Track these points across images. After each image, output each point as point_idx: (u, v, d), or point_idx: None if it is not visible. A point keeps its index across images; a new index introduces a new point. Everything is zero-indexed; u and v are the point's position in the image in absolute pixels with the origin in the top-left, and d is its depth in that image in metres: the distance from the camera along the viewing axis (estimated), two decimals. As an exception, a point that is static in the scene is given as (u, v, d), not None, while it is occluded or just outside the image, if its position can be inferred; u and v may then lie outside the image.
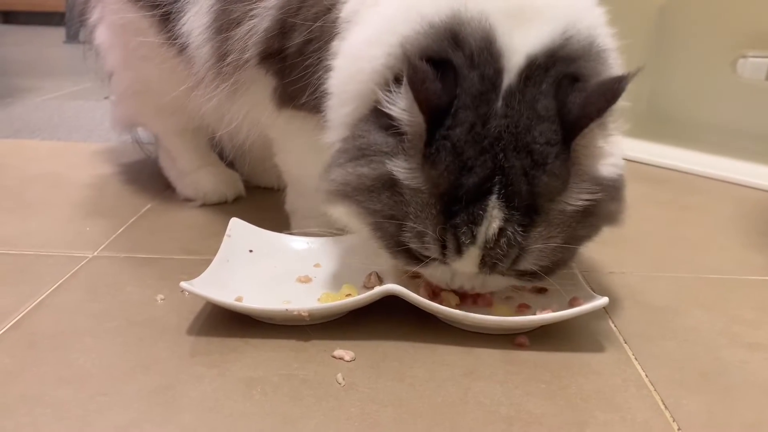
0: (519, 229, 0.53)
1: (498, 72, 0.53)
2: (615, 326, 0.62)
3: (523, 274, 0.56)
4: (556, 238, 0.54)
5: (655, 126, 1.24)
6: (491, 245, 0.53)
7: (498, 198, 0.52)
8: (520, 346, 0.58)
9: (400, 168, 0.53)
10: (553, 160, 0.52)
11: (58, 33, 3.02)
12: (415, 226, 0.54)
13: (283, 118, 0.71)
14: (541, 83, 0.53)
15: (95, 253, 0.76)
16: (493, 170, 0.52)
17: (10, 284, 0.67)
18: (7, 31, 3.64)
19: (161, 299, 0.64)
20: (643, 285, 0.71)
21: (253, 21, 0.64)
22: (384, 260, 0.64)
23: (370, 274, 0.64)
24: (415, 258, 0.57)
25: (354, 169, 0.56)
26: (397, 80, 0.54)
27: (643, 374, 0.55)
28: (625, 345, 0.59)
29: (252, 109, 0.73)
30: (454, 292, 0.61)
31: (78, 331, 0.59)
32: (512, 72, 0.53)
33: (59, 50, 2.78)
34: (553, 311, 0.59)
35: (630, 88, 0.54)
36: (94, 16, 0.87)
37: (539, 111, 0.53)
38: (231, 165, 0.98)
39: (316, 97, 0.63)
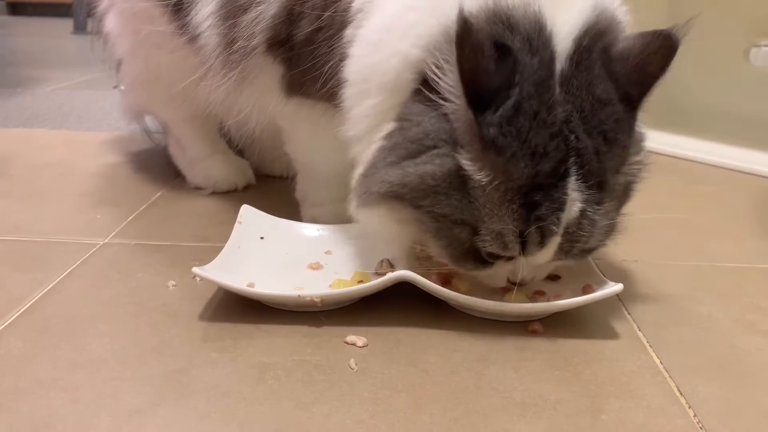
0: (596, 208, 0.52)
1: (552, 57, 0.51)
2: (629, 313, 0.62)
3: (586, 253, 0.55)
4: (615, 211, 0.55)
5: (668, 115, 1.23)
6: (572, 230, 0.52)
7: (576, 179, 0.51)
8: (534, 333, 0.58)
9: (464, 159, 0.51)
10: (622, 135, 0.53)
11: (66, 24, 3.03)
12: (493, 227, 0.51)
13: (291, 106, 0.70)
14: (592, 67, 0.52)
15: (106, 240, 0.76)
16: (566, 152, 0.50)
17: (23, 271, 0.68)
18: (15, 23, 3.65)
19: (173, 285, 0.64)
20: (656, 273, 0.71)
21: (260, 7, 0.64)
22: (395, 247, 0.64)
23: (382, 261, 0.64)
24: (483, 260, 0.54)
25: (415, 168, 0.52)
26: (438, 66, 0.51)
27: (657, 361, 0.54)
28: (639, 332, 0.59)
29: (260, 98, 0.72)
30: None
31: (91, 317, 0.59)
32: (562, 56, 0.52)
33: (67, 41, 2.79)
34: (567, 298, 0.58)
35: None
36: (103, 4, 0.87)
37: (600, 95, 0.52)
38: (240, 153, 0.98)
39: (327, 86, 0.62)
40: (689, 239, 0.82)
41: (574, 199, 0.51)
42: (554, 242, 0.52)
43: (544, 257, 0.53)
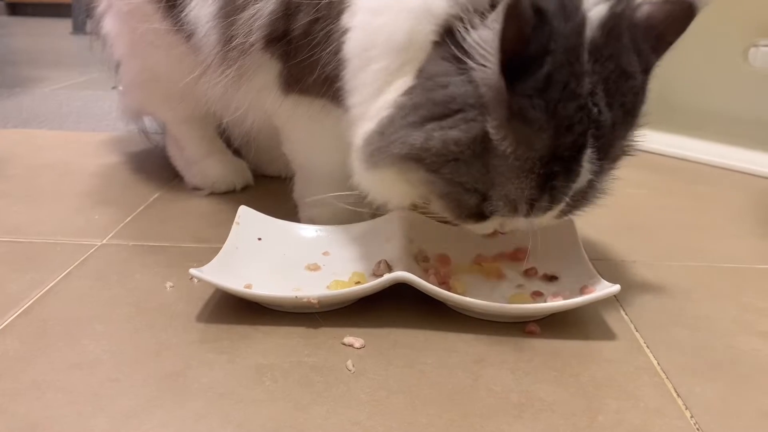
0: (601, 177, 0.54)
1: (584, 23, 0.50)
2: (626, 314, 0.62)
3: (578, 212, 0.57)
4: (611, 173, 0.56)
5: (666, 115, 1.23)
6: (578, 197, 0.54)
7: (591, 151, 0.51)
8: (531, 334, 0.58)
9: (490, 126, 0.50)
10: (639, 106, 0.54)
11: (65, 24, 3.03)
12: (506, 193, 0.52)
13: (288, 103, 0.70)
14: (621, 36, 0.51)
15: (104, 241, 0.76)
16: (588, 125, 0.51)
17: (20, 271, 0.68)
18: (14, 23, 3.65)
19: (170, 286, 0.64)
20: (654, 273, 0.71)
21: (257, 5, 0.63)
22: (393, 247, 0.64)
23: (380, 262, 0.64)
24: (482, 217, 0.55)
25: (440, 132, 0.50)
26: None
27: (655, 362, 0.54)
28: (636, 333, 0.59)
29: (257, 95, 0.72)
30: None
31: (88, 318, 0.59)
32: (594, 22, 0.50)
33: (66, 41, 2.79)
34: (564, 299, 0.58)
35: None
36: (101, 5, 0.87)
37: (625, 67, 0.52)
38: (238, 154, 0.98)
39: (325, 79, 0.62)
40: (687, 240, 0.82)
41: (587, 169, 0.52)
42: (559, 208, 0.54)
43: (546, 220, 0.55)
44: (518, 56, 0.48)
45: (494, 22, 0.49)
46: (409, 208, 0.62)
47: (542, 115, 0.49)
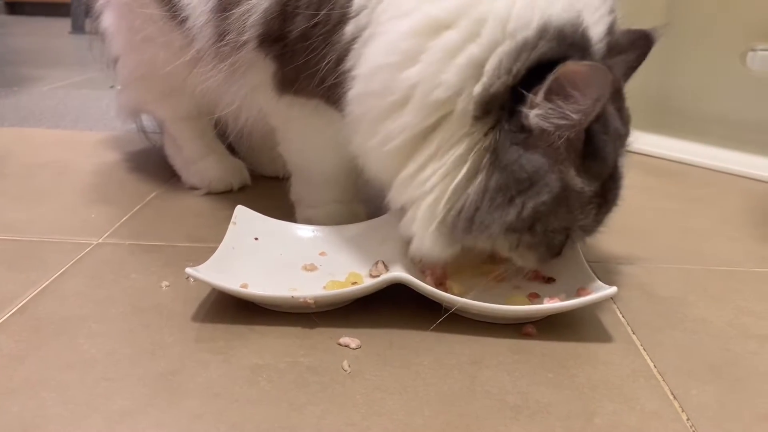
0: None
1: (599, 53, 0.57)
2: (623, 317, 0.62)
3: None
4: None
5: (664, 119, 1.23)
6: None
7: (621, 159, 0.59)
8: (527, 336, 0.57)
9: (568, 177, 0.55)
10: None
11: (64, 24, 3.03)
12: (584, 224, 0.58)
13: (282, 104, 0.70)
14: (615, 65, 0.58)
15: (100, 240, 0.75)
16: (618, 139, 0.58)
17: (16, 270, 0.67)
18: (13, 22, 3.65)
19: (166, 286, 0.64)
20: (651, 276, 0.71)
21: (251, 1, 0.63)
22: (390, 248, 0.64)
23: (377, 263, 0.64)
24: (559, 252, 0.60)
25: (532, 202, 0.54)
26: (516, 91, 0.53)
27: (651, 364, 0.54)
28: (633, 335, 0.59)
29: (251, 93, 0.72)
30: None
31: (83, 317, 0.59)
32: (602, 52, 0.57)
33: (65, 41, 2.79)
34: (561, 301, 0.58)
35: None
36: (99, 1, 0.87)
37: (620, 89, 0.60)
38: (236, 154, 0.98)
39: (323, 84, 0.62)
40: (684, 242, 0.82)
41: (622, 173, 0.59)
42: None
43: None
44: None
45: (554, 99, 0.52)
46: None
47: (607, 147, 0.56)
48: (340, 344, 0.55)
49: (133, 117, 1.03)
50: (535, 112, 0.53)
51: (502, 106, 0.54)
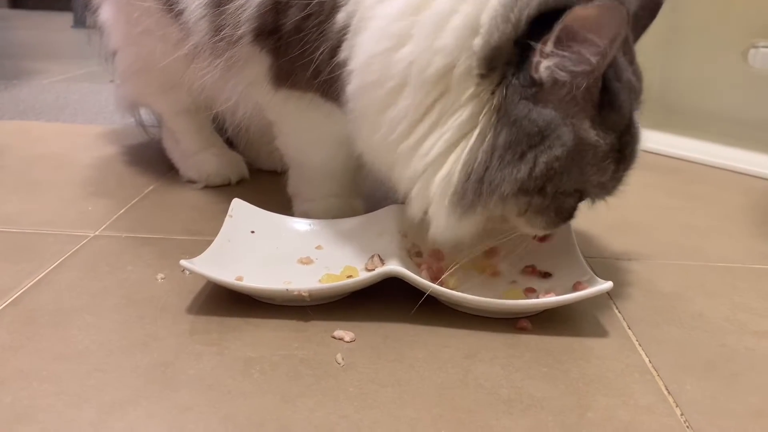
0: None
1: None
2: (619, 312, 0.62)
3: None
4: None
5: (665, 116, 1.23)
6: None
7: (636, 113, 0.56)
8: (522, 330, 0.57)
9: (583, 129, 0.53)
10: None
11: (66, 18, 3.02)
12: (600, 181, 0.56)
13: (279, 98, 0.70)
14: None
15: (97, 233, 0.75)
16: (633, 92, 0.55)
17: (11, 261, 0.67)
18: (15, 16, 3.64)
19: (161, 278, 0.64)
20: (648, 272, 0.71)
21: None
22: (386, 242, 0.64)
23: (373, 256, 0.63)
24: (570, 216, 0.59)
25: (544, 156, 0.52)
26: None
27: (646, 360, 0.54)
28: (628, 330, 0.58)
29: (247, 88, 0.71)
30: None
31: (77, 309, 0.58)
32: None
33: (66, 35, 2.78)
34: (557, 295, 0.58)
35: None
36: (99, -6, 0.87)
37: (631, 45, 0.58)
38: (233, 147, 0.98)
39: (318, 77, 0.61)
40: (683, 239, 0.81)
41: (638, 127, 0.57)
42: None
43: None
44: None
45: (567, 46, 0.50)
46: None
47: (623, 98, 0.54)
48: (334, 337, 0.55)
49: (132, 111, 1.02)
50: (546, 63, 0.51)
51: (508, 62, 0.52)
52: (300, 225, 0.71)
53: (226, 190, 0.91)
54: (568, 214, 0.58)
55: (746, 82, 1.17)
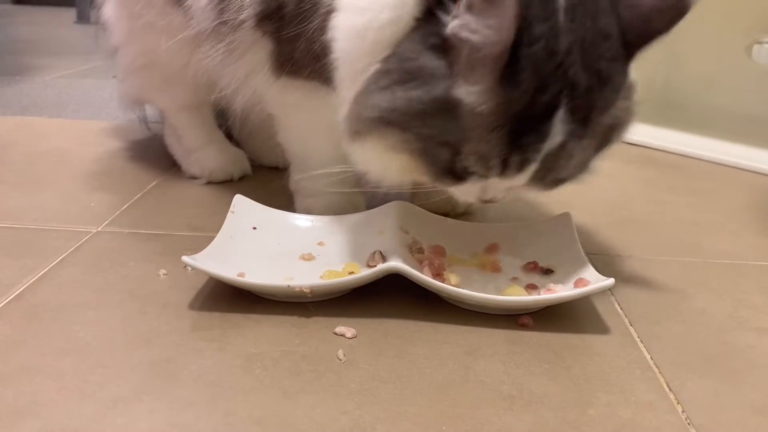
0: (576, 143, 0.53)
1: None
2: (620, 308, 0.61)
3: (556, 183, 0.57)
4: (593, 150, 0.56)
5: (669, 112, 1.23)
6: (550, 160, 0.53)
7: (564, 112, 0.52)
8: (524, 327, 0.57)
9: (464, 92, 0.52)
10: (616, 76, 0.53)
11: (70, 13, 3.02)
12: (477, 149, 0.53)
13: (278, 87, 0.70)
14: None
15: (99, 228, 0.75)
16: (563, 86, 0.51)
17: (14, 257, 0.67)
18: (18, 12, 3.64)
19: (164, 274, 0.64)
20: (650, 268, 0.70)
21: None
22: (388, 238, 0.64)
23: (374, 253, 0.63)
24: (459, 178, 0.56)
25: (405, 93, 0.53)
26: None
27: (648, 356, 0.54)
28: (630, 327, 0.58)
29: (248, 76, 0.71)
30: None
31: (79, 304, 0.59)
32: None
33: (70, 30, 2.78)
34: (558, 292, 0.58)
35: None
36: (102, -10, 0.87)
37: (603, 27, 0.52)
38: (236, 143, 0.98)
39: (317, 61, 0.61)
40: (685, 235, 0.81)
41: (558, 131, 0.52)
42: (531, 169, 0.54)
43: (519, 181, 0.55)
44: (520, 20, 0.49)
45: (480, 13, 0.49)
46: (404, 190, 0.63)
47: (527, 74, 0.50)
48: (335, 333, 0.55)
49: (135, 107, 1.02)
50: (455, 23, 0.51)
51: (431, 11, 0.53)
52: (302, 221, 0.71)
53: (228, 186, 0.91)
54: (443, 168, 0.56)
55: (750, 78, 1.16)
